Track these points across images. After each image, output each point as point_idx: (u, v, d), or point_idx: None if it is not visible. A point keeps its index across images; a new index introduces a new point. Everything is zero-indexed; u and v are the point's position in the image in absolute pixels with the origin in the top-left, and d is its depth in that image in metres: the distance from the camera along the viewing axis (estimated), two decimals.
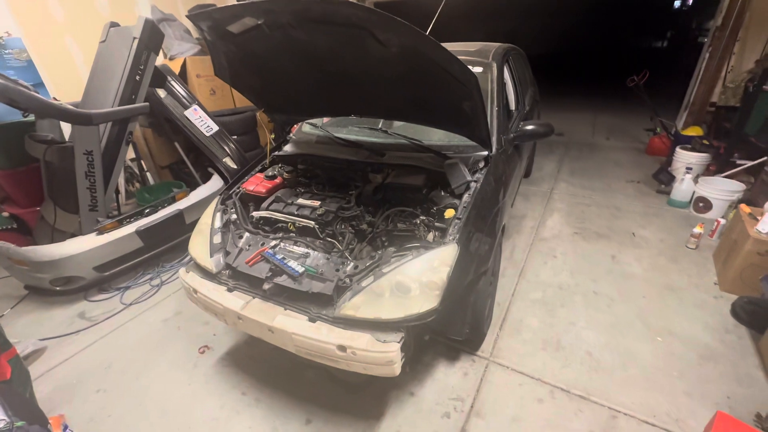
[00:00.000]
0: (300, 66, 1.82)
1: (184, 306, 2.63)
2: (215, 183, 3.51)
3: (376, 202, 2.01)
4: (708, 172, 3.94)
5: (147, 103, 2.89)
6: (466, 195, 1.81)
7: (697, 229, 2.99)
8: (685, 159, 3.98)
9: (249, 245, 1.85)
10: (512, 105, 2.89)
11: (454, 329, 1.93)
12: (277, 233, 1.92)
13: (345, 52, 1.60)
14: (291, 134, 2.67)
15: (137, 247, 2.89)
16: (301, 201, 1.99)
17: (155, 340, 2.38)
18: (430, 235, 1.75)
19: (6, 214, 3.14)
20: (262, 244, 1.82)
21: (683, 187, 3.67)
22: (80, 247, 2.61)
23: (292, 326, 1.52)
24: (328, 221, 1.86)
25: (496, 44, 2.97)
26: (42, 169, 2.94)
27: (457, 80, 1.50)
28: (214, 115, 3.67)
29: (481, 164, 2.00)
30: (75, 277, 2.68)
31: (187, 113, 3.44)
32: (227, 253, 1.84)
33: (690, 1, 16.90)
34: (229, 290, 1.74)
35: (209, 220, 2.01)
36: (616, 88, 7.22)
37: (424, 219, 1.82)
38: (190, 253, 1.94)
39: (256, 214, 2.03)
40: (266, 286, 1.65)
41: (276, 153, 2.48)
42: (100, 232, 2.72)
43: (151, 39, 2.79)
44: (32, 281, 2.73)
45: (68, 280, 2.69)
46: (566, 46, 17.56)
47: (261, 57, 1.83)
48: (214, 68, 1.97)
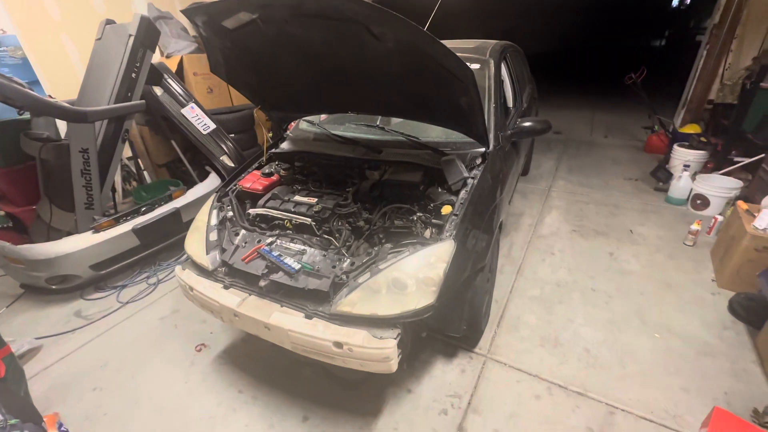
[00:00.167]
0: (296, 62, 1.81)
1: (181, 304, 2.62)
2: (212, 181, 3.50)
3: (373, 199, 2.01)
4: (706, 169, 3.94)
5: (143, 101, 2.87)
6: (463, 191, 1.80)
7: (695, 226, 2.99)
8: (682, 156, 3.98)
9: (245, 242, 1.84)
10: (510, 102, 2.88)
11: (452, 326, 1.92)
12: (273, 230, 1.91)
13: (341, 48, 1.59)
14: (288, 132, 2.66)
15: (134, 245, 2.87)
16: (297, 198, 1.98)
17: (152, 339, 2.37)
18: (427, 232, 1.75)
19: (2, 213, 3.13)
20: (259, 241, 1.81)
21: (681, 184, 3.67)
22: (76, 246, 2.60)
23: (288, 323, 1.52)
24: (324, 218, 1.85)
25: (494, 41, 2.96)
26: (38, 167, 2.93)
27: (453, 75, 1.50)
28: (212, 113, 3.65)
29: (478, 161, 1.99)
30: (71, 275, 2.67)
31: (184, 111, 3.42)
32: (223, 251, 1.84)
33: (688, 0, 16.92)
34: (226, 287, 1.73)
35: (205, 218, 2.00)
36: (615, 87, 7.24)
37: (421, 216, 1.81)
38: (186, 251, 1.93)
39: (252, 212, 2.02)
40: (262, 283, 1.64)
41: (273, 150, 2.47)
42: (97, 230, 2.71)
43: (147, 36, 2.77)
44: (28, 280, 2.72)
45: (64, 278, 2.68)
46: (565, 45, 17.57)
47: (257, 53, 1.83)
48: (210, 65, 1.96)
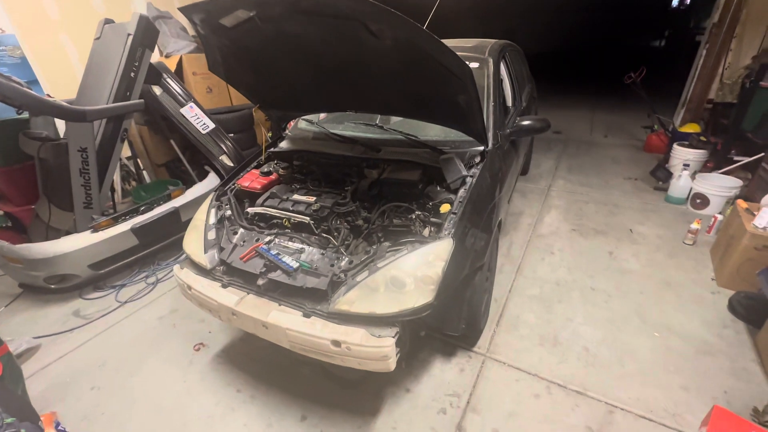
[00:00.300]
0: (294, 60, 1.81)
1: (179, 303, 2.62)
2: (211, 181, 3.49)
3: (372, 197, 2.00)
4: (705, 168, 3.93)
5: (142, 100, 2.87)
6: (461, 190, 1.80)
7: (695, 225, 2.98)
8: (682, 155, 3.97)
9: (243, 241, 1.84)
10: (509, 101, 2.87)
11: (450, 325, 1.92)
12: (272, 229, 1.91)
13: (338, 45, 1.59)
14: (287, 131, 2.66)
15: (132, 244, 2.87)
16: (296, 197, 1.97)
17: (150, 338, 2.36)
18: (426, 231, 1.74)
19: (0, 213, 3.12)
20: (257, 240, 1.81)
21: (680, 183, 3.67)
22: (75, 245, 2.60)
23: (286, 322, 1.51)
24: (323, 217, 1.85)
25: (493, 40, 2.96)
26: (36, 167, 2.92)
27: (452, 73, 1.49)
28: (211, 113, 3.64)
29: (477, 159, 1.99)
30: (70, 275, 2.67)
31: (183, 111, 3.42)
32: (221, 249, 1.83)
33: (688, 1, 16.91)
34: (224, 286, 1.73)
35: (204, 216, 1.99)
36: (614, 87, 7.24)
37: (419, 214, 1.81)
38: (185, 250, 1.93)
39: (251, 210, 2.01)
40: (260, 282, 1.64)
41: (272, 149, 2.47)
42: (95, 229, 2.70)
43: (146, 35, 2.77)
44: (27, 279, 2.71)
45: (63, 278, 2.68)
46: (564, 45, 17.57)
47: (255, 51, 1.82)
48: (208, 63, 1.96)
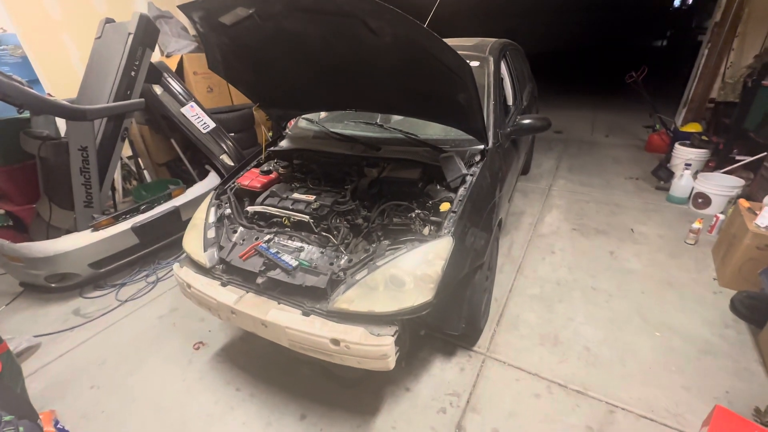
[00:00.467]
0: (293, 58, 1.81)
1: (179, 302, 2.62)
2: (212, 180, 3.49)
3: (372, 196, 2.00)
4: (707, 168, 3.92)
5: (142, 99, 2.88)
6: (461, 188, 1.79)
7: (696, 225, 2.97)
8: (684, 155, 3.96)
9: (243, 240, 1.84)
10: (510, 100, 2.87)
11: (450, 324, 1.91)
12: (271, 228, 1.90)
13: (338, 43, 1.58)
14: (287, 129, 2.66)
15: (133, 243, 2.87)
16: (296, 195, 1.97)
17: (150, 337, 2.36)
18: (426, 229, 1.73)
19: (1, 212, 3.13)
20: (256, 239, 1.81)
21: (682, 183, 3.65)
22: (75, 244, 2.60)
23: (285, 320, 1.51)
24: (323, 215, 1.85)
25: (493, 39, 2.96)
26: (37, 166, 2.93)
27: (451, 71, 1.49)
28: (212, 113, 3.65)
29: (477, 158, 1.98)
30: (70, 273, 2.67)
31: (183, 110, 3.42)
32: (221, 248, 1.83)
33: (690, 1, 16.86)
34: (223, 285, 1.72)
35: (203, 215, 1.99)
36: (616, 87, 7.22)
37: (419, 213, 1.80)
38: (184, 248, 1.93)
39: (250, 209, 2.01)
40: (260, 281, 1.63)
41: (272, 148, 2.47)
42: (96, 228, 2.70)
43: (146, 35, 2.77)
44: (27, 278, 2.71)
45: (63, 276, 2.68)
46: (566, 45, 17.52)
47: (254, 49, 1.82)
48: (208, 61, 1.96)
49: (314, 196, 1.93)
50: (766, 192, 2.84)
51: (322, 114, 2.73)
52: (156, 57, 3.58)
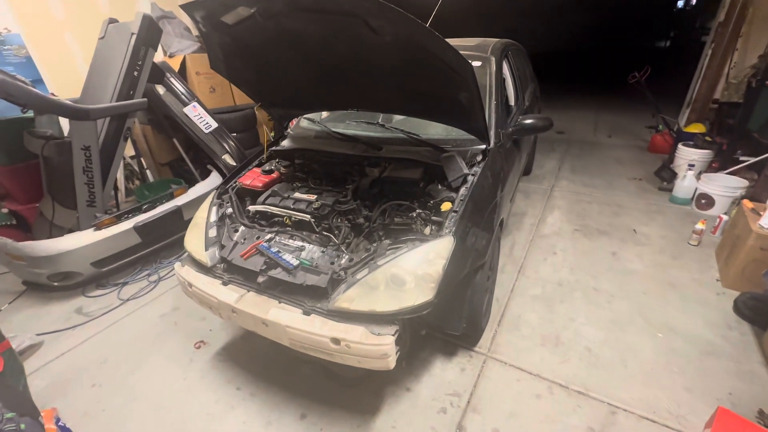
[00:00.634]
0: (295, 58, 1.81)
1: (181, 302, 2.62)
2: (214, 180, 3.50)
3: (373, 196, 2.00)
4: (710, 168, 3.90)
5: (144, 99, 2.89)
6: (463, 188, 1.79)
7: (699, 226, 2.95)
8: (687, 156, 3.94)
9: (244, 239, 1.84)
10: (511, 100, 2.86)
11: (451, 324, 1.91)
12: (272, 227, 1.91)
13: (339, 43, 1.58)
14: (289, 129, 2.66)
15: (135, 243, 2.88)
16: (297, 195, 1.97)
17: (152, 336, 2.37)
18: (427, 229, 1.73)
19: (5, 211, 3.14)
20: (258, 238, 1.81)
21: (685, 183, 3.63)
22: (78, 243, 2.61)
23: (286, 319, 1.51)
24: (324, 215, 1.85)
25: (495, 39, 2.95)
26: (41, 165, 2.94)
27: (453, 70, 1.49)
28: (214, 113, 3.66)
29: (479, 158, 1.98)
30: (72, 272, 2.68)
31: (186, 110, 3.43)
32: (222, 247, 1.83)
33: (693, 1, 16.82)
34: (224, 284, 1.72)
35: (205, 214, 2.00)
36: (619, 87, 7.19)
37: (420, 212, 1.80)
38: (186, 247, 1.93)
39: (252, 208, 2.01)
40: (261, 279, 1.63)
41: (273, 148, 2.47)
42: (98, 227, 2.71)
43: (149, 35, 2.78)
44: (30, 277, 2.73)
45: (66, 275, 2.69)
46: (568, 45, 17.48)
47: (256, 49, 1.82)
48: (210, 61, 1.96)
49: (315, 196, 1.93)
50: None
51: (324, 114, 2.73)
52: (159, 57, 3.59)
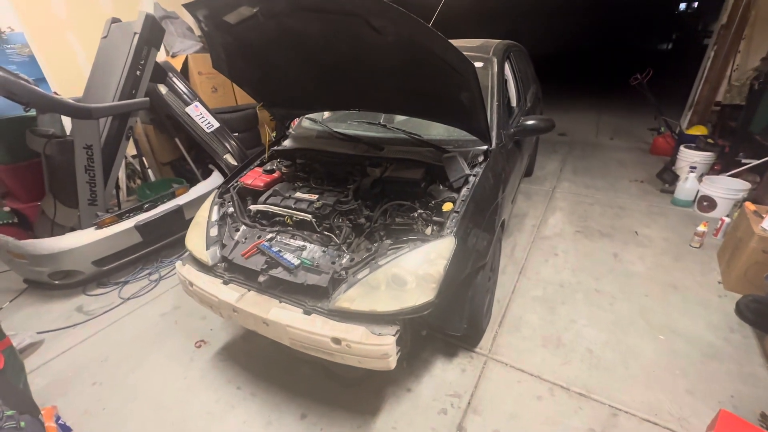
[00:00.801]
0: (297, 58, 1.81)
1: (182, 301, 2.62)
2: (215, 179, 3.50)
3: (374, 195, 2.00)
4: (712, 171, 3.89)
5: (147, 98, 2.89)
6: (464, 189, 1.79)
7: (701, 228, 2.94)
8: (689, 158, 3.93)
9: (245, 238, 1.84)
10: (513, 101, 2.86)
11: (452, 324, 1.90)
12: (274, 227, 1.91)
13: (341, 43, 1.58)
14: (290, 129, 2.67)
15: (136, 242, 2.88)
16: (298, 195, 1.97)
17: (152, 335, 2.37)
18: (428, 229, 1.73)
19: (7, 209, 3.15)
20: (259, 237, 1.81)
21: (687, 186, 3.62)
22: (79, 241, 2.61)
23: (286, 319, 1.51)
24: (325, 215, 1.84)
25: (497, 41, 2.95)
26: (43, 164, 2.95)
27: (454, 69, 1.48)
28: (216, 112, 3.67)
29: (480, 158, 1.97)
30: (73, 271, 2.68)
31: (188, 110, 3.44)
32: (223, 246, 1.83)
33: (696, 4, 16.81)
34: (225, 283, 1.72)
35: (206, 214, 2.00)
36: (621, 89, 7.17)
37: (422, 213, 1.80)
38: (187, 246, 1.93)
39: (253, 208, 2.01)
40: (261, 279, 1.63)
41: (275, 148, 2.47)
42: (99, 226, 2.72)
43: (152, 34, 2.79)
44: (31, 275, 2.73)
45: (67, 274, 2.69)
46: (570, 47, 17.49)
47: (258, 48, 1.83)
48: (212, 61, 1.97)
49: (317, 196, 1.93)
50: None
51: (326, 114, 2.73)
52: (161, 57, 3.60)
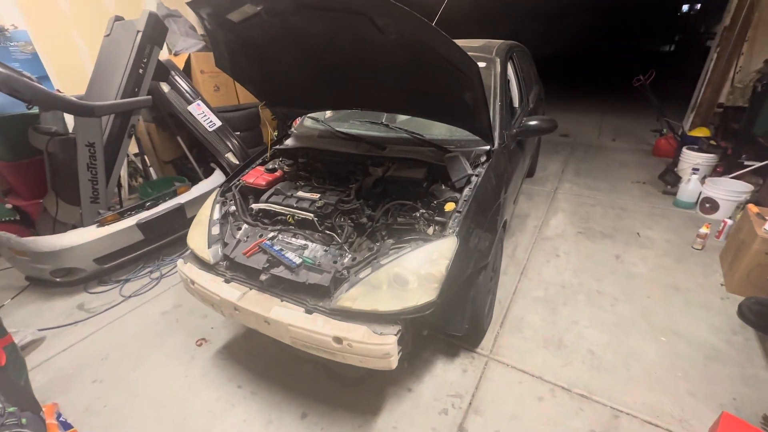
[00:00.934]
0: (300, 57, 1.81)
1: (183, 299, 2.62)
2: (217, 178, 3.51)
3: (376, 195, 1.99)
4: (715, 173, 3.88)
5: (149, 96, 2.90)
6: (466, 188, 1.78)
7: (704, 230, 2.94)
8: (691, 160, 3.92)
9: (247, 237, 1.84)
10: (516, 102, 2.86)
11: (454, 325, 1.90)
12: (275, 225, 1.90)
13: (344, 42, 1.58)
14: (293, 128, 2.66)
15: (138, 239, 2.88)
16: (300, 194, 1.97)
17: (153, 332, 2.37)
18: (430, 229, 1.73)
19: (9, 206, 3.16)
20: (260, 236, 1.81)
21: (690, 187, 3.61)
22: (81, 239, 2.61)
23: (288, 318, 1.50)
24: (327, 214, 1.84)
25: (500, 41, 2.94)
26: (45, 161, 2.95)
27: (458, 69, 1.48)
28: (218, 111, 3.67)
29: (483, 158, 1.97)
30: (75, 268, 2.69)
31: (190, 108, 3.44)
32: (225, 245, 1.83)
33: (698, 6, 16.77)
34: (227, 281, 1.72)
35: (208, 212, 2.00)
36: (623, 91, 7.18)
37: (424, 213, 1.79)
38: (189, 244, 1.93)
39: (255, 206, 2.01)
40: (263, 277, 1.63)
41: (277, 146, 2.47)
42: (101, 224, 2.72)
43: (155, 32, 2.80)
44: (33, 272, 2.73)
45: (68, 271, 2.69)
46: (573, 48, 17.47)
47: (261, 47, 1.82)
48: (215, 59, 1.97)
49: (319, 195, 1.93)
50: None
51: (328, 113, 2.73)
52: (164, 55, 3.60)
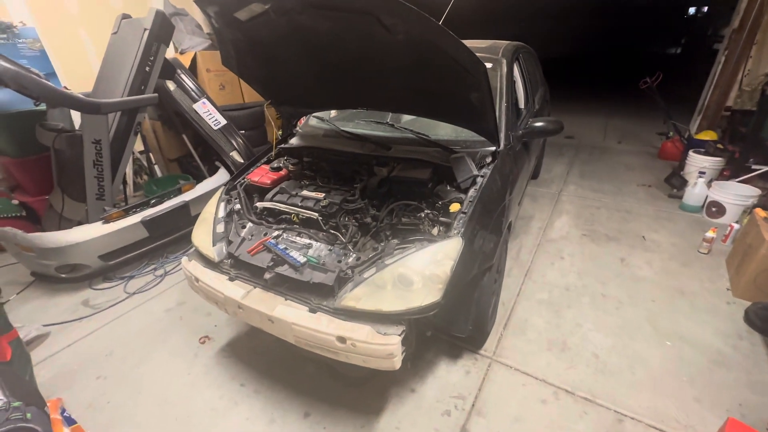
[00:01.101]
0: (306, 56, 1.81)
1: (187, 296, 2.63)
2: (222, 176, 3.51)
3: (381, 195, 1.99)
4: (721, 176, 3.85)
5: (155, 94, 2.90)
6: (472, 189, 1.78)
7: (710, 234, 2.91)
8: (698, 163, 3.89)
9: (252, 235, 1.84)
10: (522, 103, 2.84)
11: (457, 326, 1.89)
12: (280, 224, 1.91)
13: (350, 41, 1.58)
14: (298, 127, 2.67)
15: (142, 237, 2.89)
16: (305, 193, 1.97)
17: (157, 330, 2.38)
18: (435, 230, 1.72)
19: (16, 202, 3.18)
20: (265, 234, 1.81)
21: (696, 191, 3.59)
22: (86, 235, 2.63)
23: (292, 316, 1.50)
24: (331, 213, 1.84)
25: (506, 42, 2.93)
26: (51, 158, 2.97)
27: (465, 69, 1.47)
28: (223, 110, 3.68)
29: (488, 159, 1.96)
30: (80, 264, 2.70)
31: (195, 106, 3.46)
32: (230, 243, 1.83)
33: (705, 8, 16.68)
34: (231, 279, 1.72)
35: (213, 210, 2.00)
36: (630, 93, 7.14)
37: (428, 213, 1.79)
38: (193, 242, 1.94)
39: (259, 205, 2.02)
40: (267, 276, 1.63)
41: (282, 145, 2.47)
42: (106, 220, 2.73)
43: (162, 30, 2.81)
44: (38, 268, 2.75)
45: (73, 267, 2.71)
46: (579, 50, 17.42)
47: (268, 46, 1.83)
48: (222, 57, 1.97)
49: (323, 194, 1.93)
50: None
51: (333, 112, 2.73)
52: (170, 54, 3.62)
